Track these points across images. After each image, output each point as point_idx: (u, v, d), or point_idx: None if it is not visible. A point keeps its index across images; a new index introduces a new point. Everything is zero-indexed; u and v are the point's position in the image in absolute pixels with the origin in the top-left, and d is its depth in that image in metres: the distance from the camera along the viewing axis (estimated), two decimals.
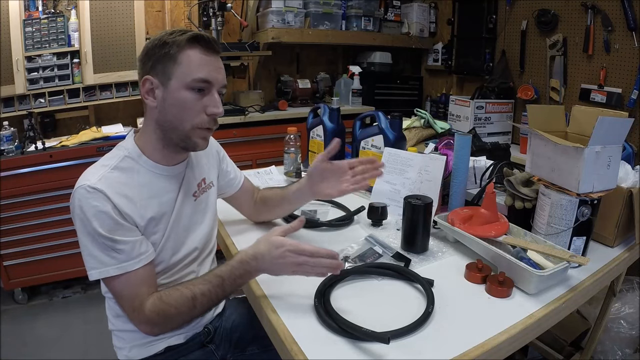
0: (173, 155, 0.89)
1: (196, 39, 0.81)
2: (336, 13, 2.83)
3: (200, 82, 0.81)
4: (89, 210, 0.76)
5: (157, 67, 0.81)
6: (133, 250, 0.79)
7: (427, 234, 0.99)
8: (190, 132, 0.83)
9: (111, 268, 0.77)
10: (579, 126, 1.01)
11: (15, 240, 2.03)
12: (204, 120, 0.83)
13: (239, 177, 1.13)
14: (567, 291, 0.83)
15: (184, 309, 0.78)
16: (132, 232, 0.80)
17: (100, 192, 0.76)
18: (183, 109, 0.82)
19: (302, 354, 0.65)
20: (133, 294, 0.78)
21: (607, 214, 1.00)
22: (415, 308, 0.76)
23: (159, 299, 0.78)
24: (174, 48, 0.80)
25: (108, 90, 2.39)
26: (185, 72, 0.80)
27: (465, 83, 2.94)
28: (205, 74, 0.81)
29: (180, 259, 0.91)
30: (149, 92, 0.83)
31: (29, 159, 1.98)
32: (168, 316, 0.78)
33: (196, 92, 0.81)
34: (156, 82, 0.82)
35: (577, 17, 2.12)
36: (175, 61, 0.80)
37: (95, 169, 0.81)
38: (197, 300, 0.78)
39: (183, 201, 0.91)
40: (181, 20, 2.68)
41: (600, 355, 1.55)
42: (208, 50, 0.82)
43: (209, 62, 0.82)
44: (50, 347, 1.83)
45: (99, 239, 0.76)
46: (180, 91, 0.81)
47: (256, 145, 2.51)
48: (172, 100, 0.81)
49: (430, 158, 1.18)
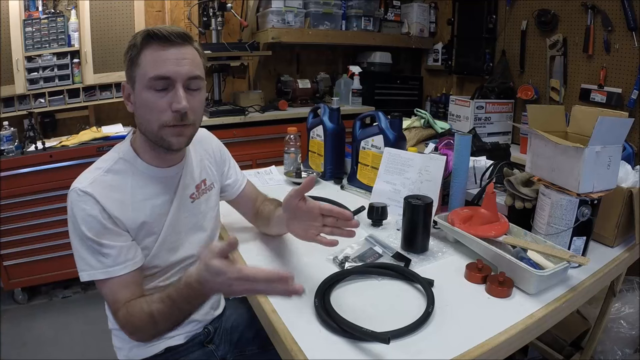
0: (164, 156, 0.87)
1: (150, 35, 0.77)
2: (336, 13, 2.83)
3: (157, 80, 0.77)
4: (79, 214, 0.77)
5: (128, 73, 0.81)
6: (120, 255, 0.79)
7: (427, 234, 0.99)
8: (160, 131, 0.80)
9: (98, 272, 0.78)
10: (579, 126, 1.01)
11: (15, 240, 2.03)
12: (169, 118, 0.79)
13: (240, 182, 1.10)
14: (567, 291, 0.83)
15: (145, 323, 0.75)
16: (121, 237, 0.80)
17: (89, 195, 0.77)
18: (148, 110, 0.79)
19: (302, 354, 0.65)
20: (114, 299, 0.78)
21: (607, 214, 1.00)
22: (415, 308, 0.76)
23: (126, 309, 0.77)
24: (134, 51, 0.79)
25: (108, 90, 2.38)
26: (143, 72, 0.78)
27: (465, 83, 2.94)
28: (162, 70, 0.77)
29: (178, 262, 0.90)
30: (127, 98, 0.84)
31: (29, 159, 1.98)
32: (135, 327, 0.76)
33: (158, 91, 0.78)
34: (129, 88, 0.82)
35: (577, 17, 2.12)
36: (137, 64, 0.79)
37: (89, 172, 0.81)
38: (155, 317, 0.74)
39: (179, 204, 0.90)
40: (181, 20, 2.68)
41: (600, 355, 1.55)
42: (165, 44, 0.77)
43: (167, 57, 0.77)
44: (50, 347, 1.83)
45: (87, 241, 0.77)
46: (142, 93, 0.79)
47: (256, 145, 2.51)
48: (139, 103, 0.80)
49: (430, 158, 1.17)
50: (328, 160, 1.54)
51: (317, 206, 0.84)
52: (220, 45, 2.47)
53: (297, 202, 0.85)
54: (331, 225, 0.84)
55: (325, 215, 0.84)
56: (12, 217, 2.00)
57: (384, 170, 1.26)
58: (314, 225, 0.85)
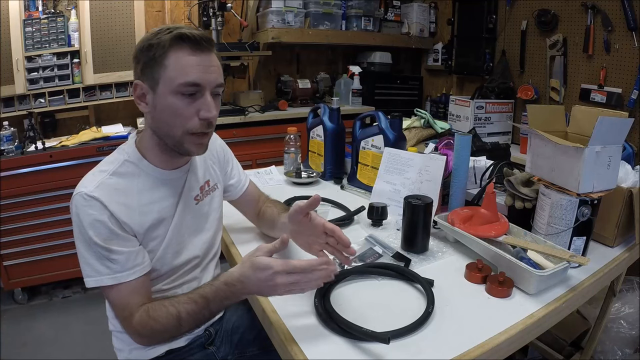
0: (172, 159, 0.86)
1: (182, 37, 0.75)
2: (336, 13, 2.83)
3: (188, 86, 0.75)
4: (85, 219, 0.75)
5: (145, 72, 0.77)
6: (128, 261, 0.77)
7: (427, 234, 0.99)
8: (182, 138, 0.79)
9: (106, 277, 0.76)
10: (579, 126, 1.01)
11: (15, 240, 2.03)
12: (196, 125, 0.78)
13: (243, 182, 1.10)
14: (567, 291, 0.83)
15: (169, 326, 0.75)
16: (129, 242, 0.78)
17: (97, 200, 0.75)
18: (173, 115, 0.77)
19: (302, 354, 0.65)
20: (124, 304, 0.77)
21: (607, 214, 1.00)
22: (415, 308, 0.76)
23: (146, 313, 0.76)
24: (159, 50, 0.75)
25: (108, 90, 2.39)
26: (172, 76, 0.75)
27: (465, 83, 2.94)
28: (193, 77, 0.75)
29: (181, 265, 0.90)
30: (140, 97, 0.80)
31: (29, 159, 1.98)
32: (154, 330, 0.76)
33: (186, 96, 0.76)
34: (146, 87, 0.78)
35: (577, 17, 2.12)
36: (161, 65, 0.75)
37: (94, 175, 0.79)
38: (183, 319, 0.74)
39: (184, 206, 0.89)
40: (181, 20, 2.68)
41: (600, 355, 1.55)
42: (196, 49, 0.76)
43: (198, 63, 0.76)
44: (50, 347, 1.83)
45: (94, 247, 0.75)
46: (168, 97, 0.76)
47: (256, 145, 2.51)
48: (162, 106, 0.77)
49: (430, 158, 1.17)
50: (328, 160, 1.54)
51: (321, 224, 0.85)
52: (220, 45, 2.46)
53: (301, 218, 0.86)
54: (332, 246, 0.85)
55: (328, 234, 0.84)
56: (12, 217, 2.00)
57: (384, 170, 1.26)
58: (318, 241, 0.86)
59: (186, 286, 0.91)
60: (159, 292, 0.87)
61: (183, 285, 0.91)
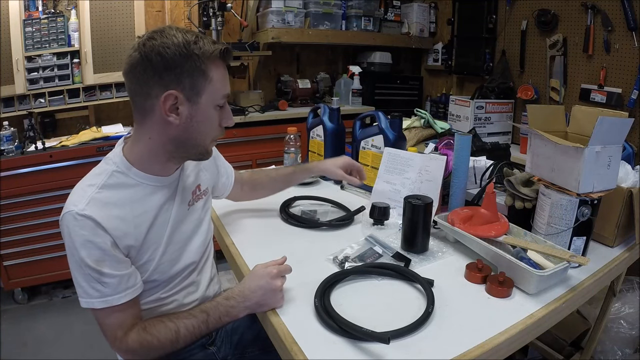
0: (165, 167, 0.84)
1: (226, 53, 0.78)
2: (336, 13, 2.83)
3: (225, 98, 0.81)
4: (77, 239, 0.72)
5: (184, 81, 0.74)
6: (120, 284, 0.76)
7: (427, 234, 0.99)
8: (209, 146, 0.84)
9: (96, 301, 0.75)
10: (579, 126, 1.01)
11: (15, 240, 2.03)
12: (219, 133, 0.84)
13: (230, 172, 1.13)
14: (567, 291, 0.83)
15: (166, 341, 0.76)
16: (122, 264, 0.77)
17: (88, 218, 0.72)
18: (210, 126, 0.81)
19: (302, 354, 0.65)
20: (116, 324, 0.77)
21: (607, 214, 1.00)
22: (415, 308, 0.76)
23: (143, 330, 0.76)
24: (204, 62, 0.74)
25: (108, 90, 2.39)
26: (217, 88, 0.78)
27: (465, 83, 2.94)
28: (228, 89, 0.82)
29: (179, 272, 0.89)
30: (172, 109, 0.75)
31: (29, 159, 1.98)
32: (151, 347, 0.76)
33: (219, 107, 0.81)
34: (182, 98, 0.74)
35: (577, 17, 2.12)
36: (206, 77, 0.76)
37: (83, 190, 0.75)
38: (180, 334, 0.77)
39: (178, 212, 0.88)
40: (181, 20, 2.68)
41: (600, 355, 1.55)
42: (225, 62, 0.81)
43: (226, 75, 0.81)
44: (50, 347, 1.83)
45: (85, 269, 0.73)
46: (209, 108, 0.78)
47: (256, 145, 2.51)
48: (201, 117, 0.78)
49: (430, 158, 1.17)
50: None
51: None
52: None
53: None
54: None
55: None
56: (12, 217, 2.00)
57: (384, 170, 1.26)
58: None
59: (184, 292, 0.91)
60: (158, 301, 0.87)
61: (182, 291, 0.91)
